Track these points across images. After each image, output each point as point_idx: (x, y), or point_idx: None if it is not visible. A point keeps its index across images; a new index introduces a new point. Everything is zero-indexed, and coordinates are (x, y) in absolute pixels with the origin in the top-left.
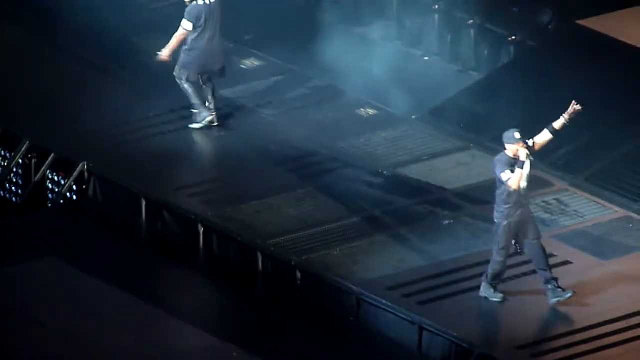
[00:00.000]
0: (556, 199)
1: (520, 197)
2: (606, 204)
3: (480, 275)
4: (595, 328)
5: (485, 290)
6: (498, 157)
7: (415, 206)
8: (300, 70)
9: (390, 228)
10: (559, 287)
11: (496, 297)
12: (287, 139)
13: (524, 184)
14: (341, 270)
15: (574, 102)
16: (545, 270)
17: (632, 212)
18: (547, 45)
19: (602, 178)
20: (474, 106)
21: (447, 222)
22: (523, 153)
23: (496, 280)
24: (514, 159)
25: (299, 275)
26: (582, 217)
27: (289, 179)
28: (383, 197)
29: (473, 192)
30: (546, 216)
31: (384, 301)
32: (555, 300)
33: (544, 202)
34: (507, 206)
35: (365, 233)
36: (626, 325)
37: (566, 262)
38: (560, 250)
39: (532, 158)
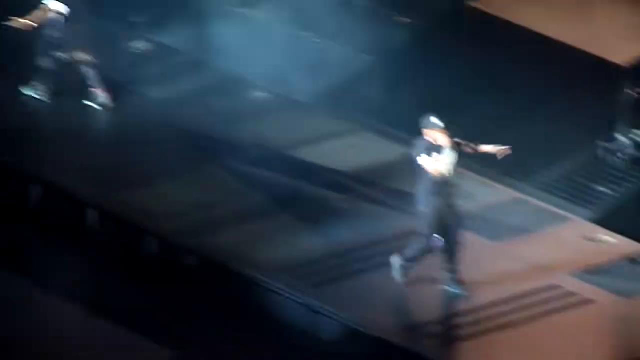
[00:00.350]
0: None
1: (442, 187)
2: (498, 185)
3: (375, 256)
4: (485, 310)
5: (395, 264)
6: (416, 141)
7: (309, 189)
8: (190, 54)
9: (284, 211)
10: (457, 282)
11: (399, 276)
12: (178, 123)
13: (445, 172)
14: (234, 253)
15: (508, 147)
16: (453, 261)
17: (525, 194)
18: (439, 27)
19: (495, 160)
20: (366, 89)
21: (340, 204)
22: (440, 138)
23: (409, 263)
24: (433, 144)
25: (191, 259)
26: (473, 199)
27: (180, 163)
28: (276, 180)
29: (365, 175)
30: None
31: (277, 284)
32: (446, 288)
33: None
34: (427, 194)
35: (258, 216)
36: (515, 307)
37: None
38: None
39: (457, 151)
